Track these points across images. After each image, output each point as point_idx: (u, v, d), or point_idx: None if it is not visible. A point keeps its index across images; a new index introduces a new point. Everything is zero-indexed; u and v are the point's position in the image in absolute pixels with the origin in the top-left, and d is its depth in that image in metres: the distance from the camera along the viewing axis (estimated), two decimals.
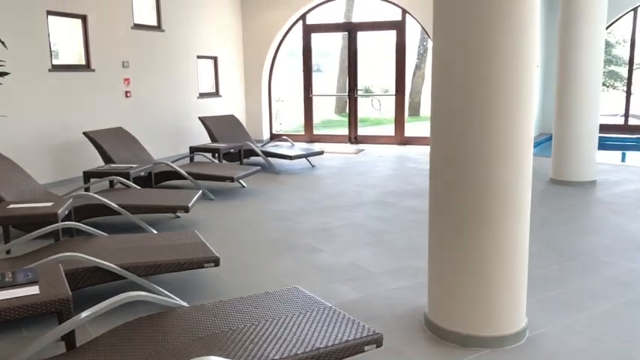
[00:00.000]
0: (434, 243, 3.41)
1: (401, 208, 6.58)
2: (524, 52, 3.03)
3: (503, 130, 3.07)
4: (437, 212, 3.35)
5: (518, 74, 3.03)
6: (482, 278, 3.21)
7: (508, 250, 3.19)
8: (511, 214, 3.17)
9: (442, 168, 3.27)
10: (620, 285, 4.16)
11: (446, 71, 3.16)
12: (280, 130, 14.15)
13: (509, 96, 3.04)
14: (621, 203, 6.63)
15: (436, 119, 3.27)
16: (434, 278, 3.43)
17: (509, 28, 2.98)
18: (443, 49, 3.17)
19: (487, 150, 3.09)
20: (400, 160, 10.06)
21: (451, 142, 3.18)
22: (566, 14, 7.36)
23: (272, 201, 7.07)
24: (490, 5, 2.95)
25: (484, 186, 3.12)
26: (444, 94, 3.20)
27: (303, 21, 12.23)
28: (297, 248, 5.17)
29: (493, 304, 3.23)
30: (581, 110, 7.39)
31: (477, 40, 3.01)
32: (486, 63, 3.01)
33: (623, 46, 19.38)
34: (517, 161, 3.13)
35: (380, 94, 22.86)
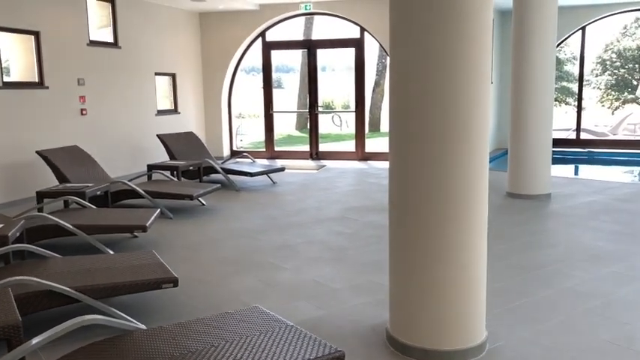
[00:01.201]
0: (394, 258, 3.42)
1: (362, 224, 6.60)
2: (478, 68, 3.10)
3: (458, 146, 3.11)
4: (396, 228, 3.37)
5: (472, 90, 3.09)
6: (442, 292, 3.23)
7: (466, 263, 3.23)
8: (468, 228, 3.21)
9: (400, 183, 3.29)
10: (576, 295, 4.26)
11: (401, 88, 3.20)
12: (241, 147, 14.07)
13: (464, 112, 3.09)
14: (575, 215, 6.81)
15: (393, 135, 3.30)
16: (395, 294, 3.44)
17: (462, 44, 3.04)
18: (398, 66, 3.21)
19: (443, 165, 3.13)
20: (361, 176, 10.11)
21: (408, 159, 3.21)
22: (518, 32, 7.58)
23: (232, 219, 7.00)
24: (444, 22, 3.01)
25: (441, 201, 3.15)
26: (400, 111, 3.23)
27: (262, 38, 12.25)
28: (257, 266, 5.11)
29: (453, 317, 3.25)
30: (534, 125, 7.60)
31: (431, 57, 3.05)
32: (440, 80, 3.06)
33: (573, 63, 20.10)
34: (473, 176, 3.18)
35: (340, 110, 23.03)
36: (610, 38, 22.61)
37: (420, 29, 3.06)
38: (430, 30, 3.03)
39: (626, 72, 22.47)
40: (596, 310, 3.97)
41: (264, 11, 11.79)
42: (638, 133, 15.78)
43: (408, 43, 3.13)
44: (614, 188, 8.49)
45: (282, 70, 28.89)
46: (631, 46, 22.41)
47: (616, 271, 4.78)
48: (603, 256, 5.20)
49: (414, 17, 3.08)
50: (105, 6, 9.66)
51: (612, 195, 7.92)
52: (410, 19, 3.10)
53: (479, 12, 3.04)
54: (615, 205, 7.27)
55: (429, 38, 3.04)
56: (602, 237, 5.84)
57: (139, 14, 10.36)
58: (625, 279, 4.59)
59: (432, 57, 3.05)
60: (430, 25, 3.03)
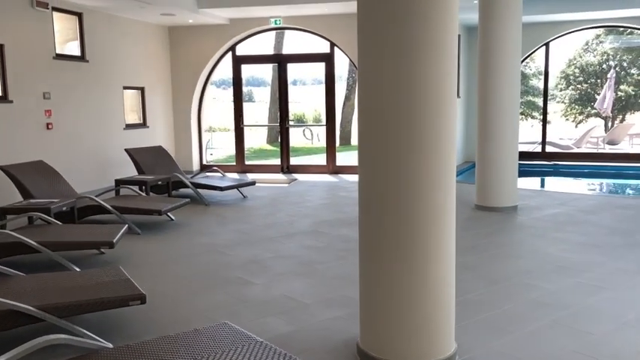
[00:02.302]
0: (364, 272, 3.43)
1: (333, 237, 6.61)
2: (444, 83, 3.15)
3: (426, 159, 3.15)
4: (365, 241, 3.39)
5: (438, 104, 3.14)
6: (411, 305, 3.24)
7: (435, 276, 3.26)
8: (437, 241, 3.24)
9: (369, 197, 3.31)
10: (543, 306, 4.33)
11: (369, 103, 3.23)
12: (211, 161, 13.98)
13: (431, 126, 3.14)
14: (541, 227, 6.94)
15: (362, 149, 3.33)
16: (365, 307, 3.45)
17: (427, 61, 3.09)
18: (366, 81, 3.24)
19: (411, 179, 3.16)
20: (332, 189, 10.14)
21: (377, 171, 3.24)
22: (484, 48, 7.75)
23: (202, 234, 6.93)
24: (410, 39, 3.06)
25: (409, 214, 3.18)
26: (368, 125, 3.26)
27: (232, 52, 12.24)
28: (227, 282, 5.06)
29: (423, 330, 3.27)
30: (501, 138, 7.74)
31: (398, 73, 3.10)
32: (406, 95, 3.10)
33: (539, 78, 20.60)
34: (441, 189, 3.22)
35: (312, 124, 23.14)
36: (573, 54, 23.27)
37: (387, 46, 3.10)
38: (396, 46, 3.08)
39: (588, 87, 23.12)
40: (562, 321, 4.04)
41: (235, 25, 11.80)
42: (601, 146, 16.21)
43: (374, 59, 3.17)
44: (579, 200, 8.68)
45: (253, 84, 28.87)
46: (593, 62, 23.08)
47: (581, 282, 4.87)
48: (569, 267, 5.31)
49: (380, 34, 3.12)
50: (72, 19, 9.54)
51: (577, 207, 8.10)
52: (377, 36, 3.14)
53: (444, 29, 3.10)
54: (580, 217, 7.43)
55: (395, 54, 3.08)
56: (568, 248, 5.95)
57: (107, 27, 10.26)
58: (590, 289, 4.69)
59: (399, 73, 3.09)
60: (396, 42, 3.07)
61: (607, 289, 4.69)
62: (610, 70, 21.12)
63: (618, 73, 21.88)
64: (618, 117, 22.10)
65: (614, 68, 21.59)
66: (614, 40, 22.44)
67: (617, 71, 21.59)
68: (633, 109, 22.12)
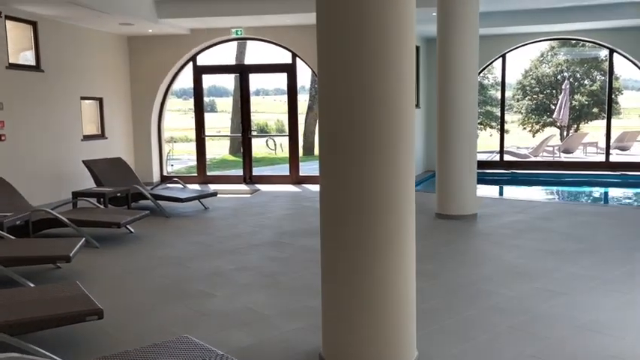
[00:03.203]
0: (325, 282, 3.43)
1: (296, 248, 6.59)
2: (402, 93, 3.19)
3: (384, 168, 3.18)
4: (326, 251, 3.39)
5: (396, 115, 3.18)
6: (372, 314, 3.26)
7: (396, 285, 3.28)
8: (397, 250, 3.27)
9: (330, 207, 3.32)
10: (502, 312, 4.40)
11: (329, 113, 3.25)
12: (172, 172, 13.79)
13: (390, 136, 3.17)
14: (500, 234, 7.08)
15: (323, 159, 3.34)
16: (327, 317, 3.44)
17: (386, 71, 3.13)
18: (326, 91, 3.26)
19: (371, 188, 3.18)
20: (295, 200, 10.12)
21: (337, 182, 3.25)
22: (442, 59, 7.89)
23: (162, 246, 6.82)
24: (368, 53, 3.09)
25: (369, 223, 3.20)
26: (328, 135, 3.28)
27: (193, 62, 12.15)
28: (188, 295, 4.99)
29: (384, 338, 3.28)
30: (460, 148, 7.87)
31: (357, 83, 3.13)
32: (365, 106, 3.13)
33: (497, 89, 21.09)
34: (400, 198, 3.25)
35: (275, 134, 23.10)
36: (529, 65, 23.95)
37: (345, 58, 3.13)
38: (354, 58, 3.11)
39: (544, 97, 23.81)
40: (520, 326, 4.11)
41: (195, 35, 11.72)
42: (557, 155, 16.66)
43: (333, 71, 3.19)
44: (536, 207, 8.89)
45: (216, 94, 28.69)
46: (548, 73, 23.80)
47: (538, 288, 4.98)
48: (526, 273, 5.42)
49: (338, 46, 3.15)
50: (26, 28, 9.31)
51: (534, 214, 8.29)
52: (335, 47, 3.17)
53: (401, 41, 3.15)
54: (537, 224, 7.61)
55: (353, 66, 3.11)
56: (526, 255, 6.08)
57: (64, 37, 10.05)
58: (546, 295, 4.79)
59: (357, 84, 3.12)
60: (354, 54, 3.11)
61: (563, 294, 4.80)
62: (564, 80, 21.81)
63: (572, 83, 22.61)
64: (573, 126, 22.82)
65: (568, 79, 22.31)
66: (568, 52, 23.21)
67: (570, 82, 22.31)
68: (587, 119, 22.89)
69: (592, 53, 22.09)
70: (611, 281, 5.10)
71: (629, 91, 25.00)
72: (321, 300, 3.50)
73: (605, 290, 4.87)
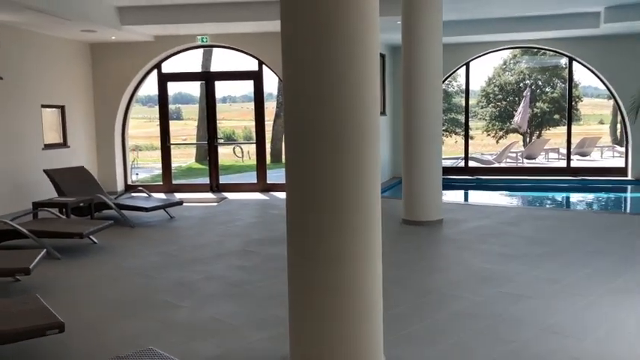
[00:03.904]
0: (292, 290, 3.41)
1: (264, 256, 6.54)
2: (367, 101, 3.21)
3: (350, 176, 3.19)
4: (293, 259, 3.37)
5: (361, 123, 3.20)
6: (340, 321, 3.25)
7: (363, 292, 3.28)
8: (363, 256, 3.27)
9: (296, 214, 3.31)
10: (468, 317, 4.45)
11: (294, 121, 3.25)
12: (136, 181, 13.57)
13: (355, 143, 3.19)
14: (465, 240, 7.17)
15: (289, 166, 3.33)
16: (294, 326, 3.42)
17: (351, 79, 3.14)
18: (291, 98, 3.26)
19: (337, 195, 3.19)
20: (263, 207, 10.07)
21: (303, 189, 3.25)
22: (407, 67, 7.98)
23: (126, 257, 6.69)
24: (332, 58, 3.11)
25: (335, 230, 3.20)
26: (294, 142, 3.27)
27: (158, 69, 12.00)
28: (152, 306, 4.90)
29: (351, 345, 3.28)
30: (425, 154, 7.96)
31: (322, 91, 3.13)
32: (330, 113, 3.14)
33: (461, 96, 21.42)
34: (366, 205, 3.26)
35: (242, 141, 22.97)
36: (492, 73, 24.43)
37: (309, 66, 3.13)
38: (318, 66, 3.11)
39: (507, 104, 24.29)
40: (486, 330, 4.17)
41: (160, 43, 11.58)
42: (520, 161, 17.00)
43: (298, 79, 3.19)
44: (501, 212, 9.04)
45: (182, 101, 28.40)
46: (511, 81, 24.30)
47: (503, 292, 5.05)
48: (492, 277, 5.49)
49: (303, 54, 3.15)
50: None
51: (499, 219, 8.42)
52: (299, 55, 3.17)
53: (365, 49, 3.17)
54: (502, 229, 7.73)
55: (317, 74, 3.12)
56: (490, 259, 6.17)
57: (24, 44, 9.81)
58: (511, 298, 4.87)
59: (321, 92, 3.13)
60: (318, 62, 3.11)
61: (527, 297, 4.89)
62: (526, 88, 22.31)
63: (534, 91, 23.14)
64: (535, 133, 23.33)
65: (530, 87, 22.82)
66: (530, 60, 23.76)
67: (532, 89, 22.83)
68: (549, 125, 23.44)
69: (553, 61, 22.64)
70: (572, 284, 5.22)
71: (589, 98, 25.69)
72: (288, 309, 3.48)
73: (567, 293, 4.97)
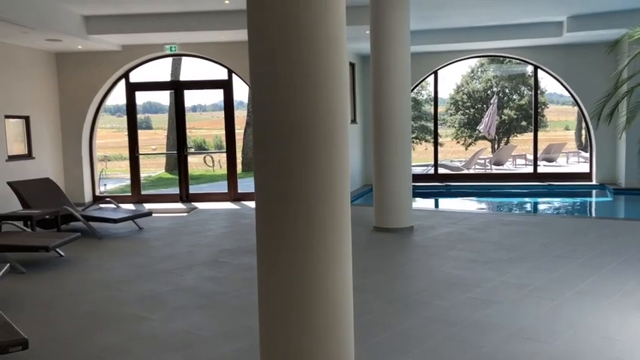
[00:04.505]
0: (262, 299, 3.38)
1: (235, 267, 6.49)
2: (335, 109, 3.22)
3: (320, 184, 3.19)
4: (262, 268, 3.35)
5: (330, 131, 3.20)
6: (310, 330, 3.24)
7: (332, 300, 3.27)
8: (333, 264, 3.27)
9: (265, 223, 3.30)
10: (438, 323, 4.48)
11: (262, 129, 3.24)
12: (104, 192, 13.35)
13: (324, 150, 3.19)
14: (435, 246, 7.23)
15: (258, 174, 3.32)
16: (264, 337, 3.39)
17: (318, 88, 3.15)
18: (259, 107, 3.25)
19: (305, 204, 3.18)
20: (234, 217, 10.01)
21: (271, 198, 3.23)
22: (376, 75, 8.05)
23: (94, 269, 6.56)
24: (299, 67, 3.11)
25: (304, 239, 3.19)
26: (262, 151, 3.26)
27: (126, 79, 11.86)
28: (121, 319, 4.81)
29: (322, 355, 3.26)
30: (395, 162, 8.02)
31: (289, 101, 3.13)
32: (298, 121, 3.14)
33: (431, 104, 21.69)
34: (335, 213, 3.26)
35: (213, 150, 22.81)
36: (461, 81, 24.82)
37: (277, 75, 3.13)
38: (287, 75, 3.12)
39: (475, 111, 24.67)
40: (455, 336, 4.20)
41: (127, 52, 11.45)
42: (488, 167, 17.26)
43: (265, 88, 3.19)
44: (469, 219, 9.16)
45: (151, 110, 28.10)
46: (479, 88, 24.72)
47: (472, 297, 5.11)
48: (461, 283, 5.55)
49: (270, 63, 3.15)
50: None
51: (468, 225, 8.53)
52: (267, 64, 3.17)
53: (333, 59, 3.18)
54: (470, 235, 7.83)
55: (284, 83, 3.12)
56: (459, 265, 6.24)
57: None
58: (479, 304, 4.92)
59: (289, 101, 3.13)
60: (287, 71, 3.11)
61: (495, 302, 4.95)
62: (493, 95, 22.71)
63: (501, 98, 23.57)
64: (503, 139, 23.74)
65: (497, 94, 23.24)
66: (497, 68, 24.21)
67: (499, 97, 23.25)
68: (516, 132, 23.88)
69: (519, 69, 23.11)
70: (539, 289, 5.30)
71: (555, 104, 26.26)
72: (258, 319, 3.45)
73: (534, 297, 5.05)
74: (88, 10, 9.57)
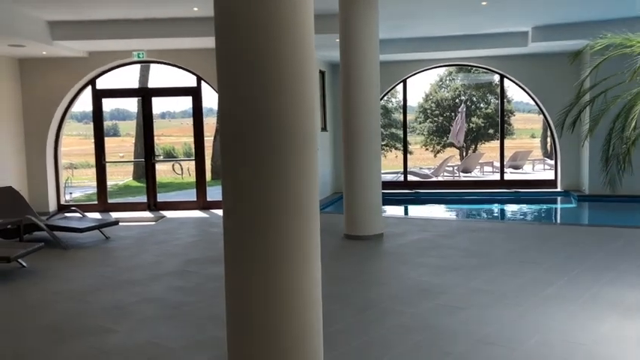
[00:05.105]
0: (230, 310, 3.35)
1: (203, 277, 6.41)
2: (302, 118, 3.21)
3: (288, 191, 3.18)
4: (230, 278, 3.32)
5: (299, 138, 3.19)
6: (278, 341, 3.21)
7: (302, 310, 3.26)
8: (302, 273, 3.25)
9: (233, 232, 3.27)
10: (407, 331, 4.50)
11: (230, 137, 3.21)
12: (70, 201, 13.06)
13: (291, 157, 3.18)
14: (405, 253, 7.27)
15: (225, 182, 3.29)
16: (232, 347, 3.35)
17: (286, 96, 3.14)
18: (226, 115, 3.23)
19: (275, 212, 3.16)
20: (203, 226, 9.89)
21: (239, 206, 3.21)
22: (346, 84, 8.08)
23: (58, 280, 6.40)
24: (267, 74, 3.10)
25: (272, 247, 3.17)
26: (230, 158, 3.24)
27: (92, 86, 11.65)
28: (86, 331, 4.70)
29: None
30: (365, 170, 8.05)
31: (256, 108, 3.12)
32: (266, 129, 3.12)
33: (400, 112, 21.87)
34: (304, 221, 3.25)
35: (182, 158, 22.56)
36: (429, 89, 25.13)
37: (244, 83, 3.12)
38: (253, 83, 3.10)
39: (444, 119, 24.99)
40: (424, 343, 4.22)
41: (94, 58, 11.26)
42: (456, 174, 17.47)
43: (232, 96, 3.17)
44: (439, 225, 9.24)
45: (119, 117, 27.67)
46: (447, 97, 25.05)
47: (441, 304, 5.14)
48: (430, 290, 5.58)
49: (237, 71, 3.13)
50: None
51: (437, 232, 8.60)
52: (234, 72, 3.15)
53: (300, 67, 3.18)
54: (439, 241, 7.89)
55: (251, 91, 3.11)
56: (429, 272, 6.27)
57: None
58: (448, 311, 4.96)
59: (256, 109, 3.11)
60: (253, 79, 3.10)
61: (463, 309, 4.99)
62: (461, 104, 23.05)
63: (469, 107, 23.93)
64: (471, 147, 24.09)
65: (465, 103, 23.60)
66: (464, 77, 24.59)
67: (467, 105, 23.60)
68: (484, 140, 24.25)
69: (486, 78, 23.49)
70: (506, 294, 5.36)
71: (521, 113, 26.76)
72: (226, 329, 3.41)
73: (501, 303, 5.11)
74: (53, 16, 9.38)
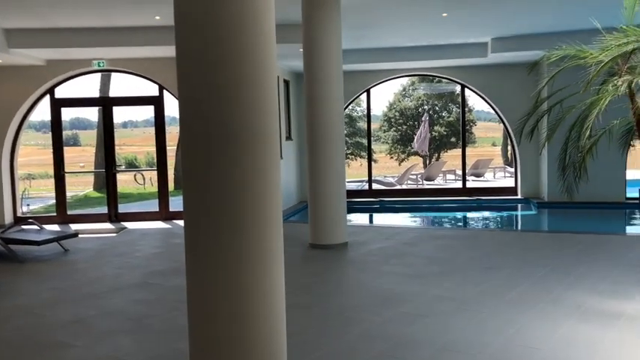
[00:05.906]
0: (191, 321, 3.31)
1: (166, 289, 6.30)
2: (266, 124, 3.21)
3: (250, 199, 3.16)
4: (192, 289, 3.28)
5: (260, 145, 3.19)
6: (242, 351, 3.18)
7: (265, 319, 3.24)
8: (265, 282, 3.24)
9: (193, 243, 3.24)
10: (370, 339, 4.51)
11: (191, 145, 3.19)
12: (27, 213, 12.69)
13: (254, 166, 3.17)
14: (369, 261, 7.30)
15: (187, 192, 3.25)
16: (195, 359, 3.31)
17: (248, 102, 3.14)
18: (186, 123, 3.20)
19: (237, 220, 3.14)
20: (165, 236, 9.74)
21: (200, 216, 3.18)
22: (310, 93, 8.11)
23: (13, 295, 6.21)
24: (227, 83, 3.09)
25: (234, 258, 3.15)
26: (191, 168, 3.21)
27: (51, 94, 11.38)
28: (43, 347, 4.56)
29: None
30: (329, 178, 8.07)
31: (216, 115, 3.10)
32: (226, 135, 3.11)
33: (365, 121, 22.03)
34: (266, 228, 3.24)
35: (144, 168, 22.20)
36: (393, 99, 25.42)
37: (204, 93, 3.10)
38: (213, 94, 3.09)
39: (407, 128, 25.30)
40: (387, 352, 4.23)
41: (52, 67, 11.01)
42: (420, 182, 17.68)
43: (192, 106, 3.15)
44: (402, 233, 9.31)
45: (79, 127, 27.08)
46: (410, 106, 25.38)
47: (404, 312, 5.18)
48: (393, 298, 5.61)
49: (197, 81, 3.12)
50: None
51: (401, 240, 8.66)
52: (194, 82, 3.13)
53: (261, 76, 3.18)
54: (403, 249, 7.96)
55: (210, 101, 3.09)
56: (392, 280, 6.31)
57: None
58: (411, 319, 4.99)
59: (216, 116, 3.10)
60: (213, 89, 3.09)
61: (425, 316, 5.03)
62: (424, 113, 23.37)
63: (432, 116, 24.29)
64: (434, 155, 24.44)
65: (428, 112, 23.94)
66: (427, 87, 24.97)
67: (430, 114, 23.95)
68: (446, 148, 24.64)
69: (448, 88, 23.91)
70: (468, 301, 5.44)
71: (482, 121, 27.28)
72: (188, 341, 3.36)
73: (462, 310, 5.17)
74: (10, 23, 9.15)
